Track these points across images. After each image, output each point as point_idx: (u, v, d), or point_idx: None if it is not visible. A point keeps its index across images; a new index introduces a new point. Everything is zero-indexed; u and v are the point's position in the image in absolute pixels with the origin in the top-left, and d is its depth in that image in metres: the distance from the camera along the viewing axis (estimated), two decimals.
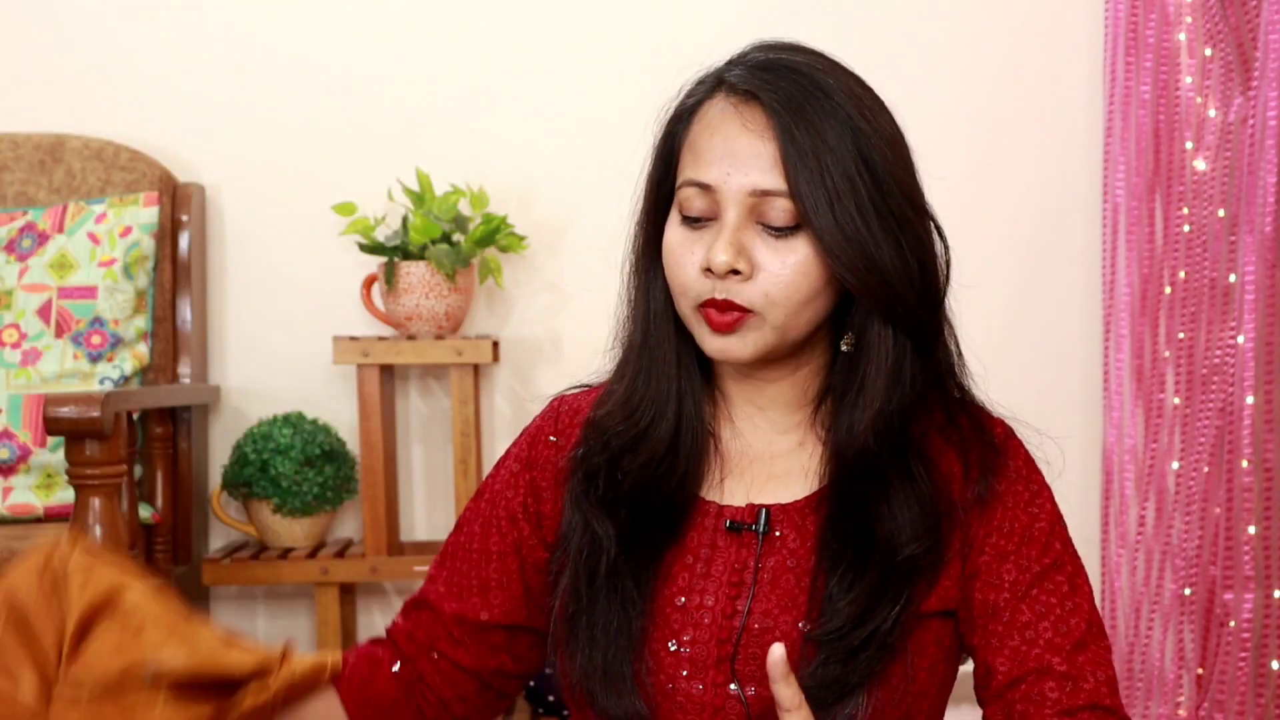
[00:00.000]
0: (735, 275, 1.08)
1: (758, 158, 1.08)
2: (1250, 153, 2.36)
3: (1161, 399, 2.51)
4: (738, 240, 1.08)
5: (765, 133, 1.08)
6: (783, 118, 1.08)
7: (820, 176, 1.07)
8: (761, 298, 1.08)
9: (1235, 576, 2.35)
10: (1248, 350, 2.34)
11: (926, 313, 1.12)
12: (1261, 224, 2.33)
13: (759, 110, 1.09)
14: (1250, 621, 2.33)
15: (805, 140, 1.07)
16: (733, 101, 1.11)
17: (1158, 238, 2.54)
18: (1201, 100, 2.50)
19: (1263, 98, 2.33)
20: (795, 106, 1.08)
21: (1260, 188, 2.33)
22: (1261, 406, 2.33)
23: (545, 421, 1.24)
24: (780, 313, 1.09)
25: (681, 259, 1.11)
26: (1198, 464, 2.45)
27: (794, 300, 1.09)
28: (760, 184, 1.08)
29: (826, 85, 1.11)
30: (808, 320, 1.11)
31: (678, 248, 1.12)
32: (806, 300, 1.10)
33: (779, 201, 1.08)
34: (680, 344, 1.16)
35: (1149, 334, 2.53)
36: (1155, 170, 2.53)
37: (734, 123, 1.10)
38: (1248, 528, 2.33)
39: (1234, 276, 2.40)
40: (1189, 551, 2.46)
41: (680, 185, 1.12)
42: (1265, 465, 2.33)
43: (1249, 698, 2.34)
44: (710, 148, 1.10)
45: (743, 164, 1.08)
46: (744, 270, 1.08)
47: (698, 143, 1.12)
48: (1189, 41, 2.51)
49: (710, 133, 1.11)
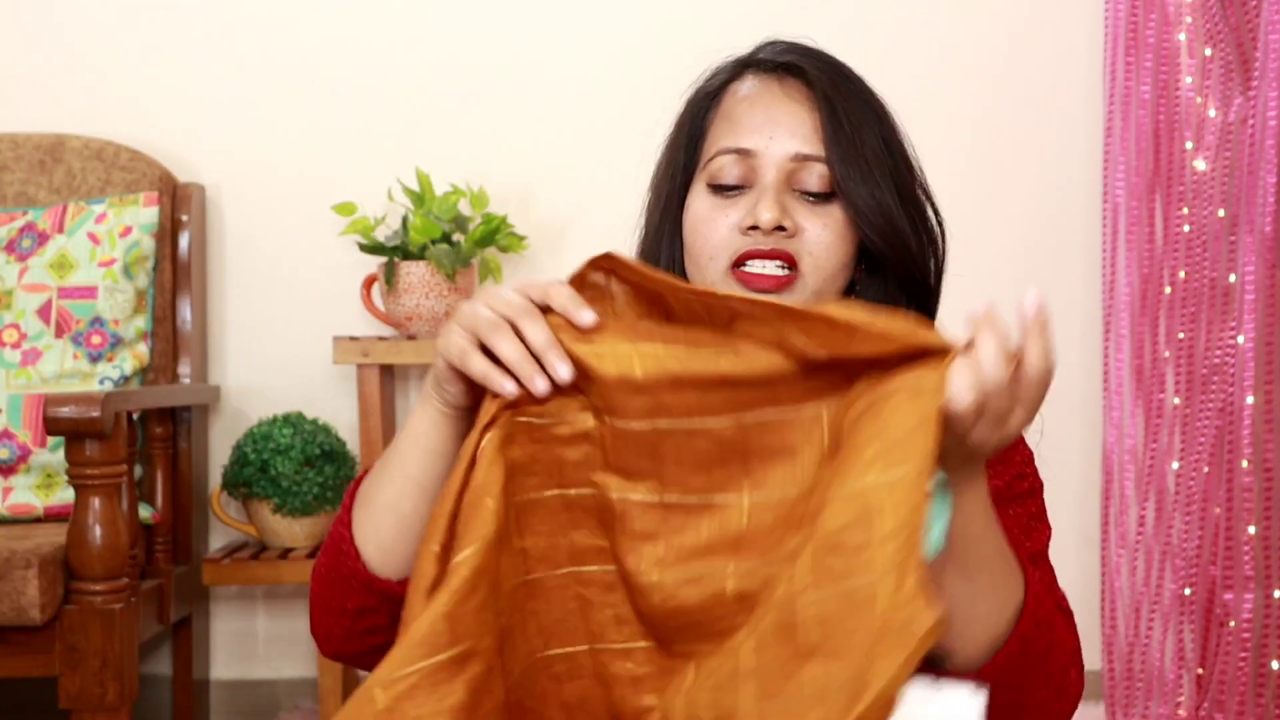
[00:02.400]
0: (780, 232, 1.11)
1: (800, 124, 1.13)
2: (1250, 153, 2.36)
3: (1161, 399, 2.51)
4: (782, 201, 1.11)
5: (807, 101, 1.14)
6: (824, 88, 1.13)
7: (856, 148, 1.11)
8: (807, 256, 1.11)
9: (1235, 576, 2.35)
10: (1248, 350, 2.34)
11: (936, 286, 1.18)
12: (1261, 224, 2.33)
13: (799, 81, 1.15)
14: (1250, 621, 2.33)
15: (843, 113, 1.13)
16: (771, 75, 1.16)
17: (1158, 238, 2.54)
18: (1201, 100, 2.50)
19: (1263, 98, 2.33)
20: (834, 81, 1.14)
21: (1260, 188, 2.33)
22: (1261, 406, 2.33)
23: None
24: (819, 277, 1.11)
25: (713, 221, 1.13)
26: (1198, 464, 2.45)
27: (832, 263, 1.12)
28: (802, 149, 1.12)
29: (852, 72, 1.18)
30: (835, 291, 1.14)
31: (708, 213, 1.14)
32: (840, 266, 1.13)
33: (817, 167, 1.12)
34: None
35: (1149, 334, 2.53)
36: (1155, 170, 2.53)
37: (775, 91, 1.15)
38: (1248, 528, 2.33)
39: (1234, 276, 2.40)
40: (1189, 551, 2.46)
41: (713, 155, 1.14)
42: (1265, 465, 2.33)
43: (1249, 698, 2.34)
44: (750, 115, 1.14)
45: (785, 129, 1.13)
46: (789, 227, 1.10)
47: (734, 113, 1.15)
48: (1189, 41, 2.51)
49: (749, 103, 1.15)
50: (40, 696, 2.42)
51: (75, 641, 1.93)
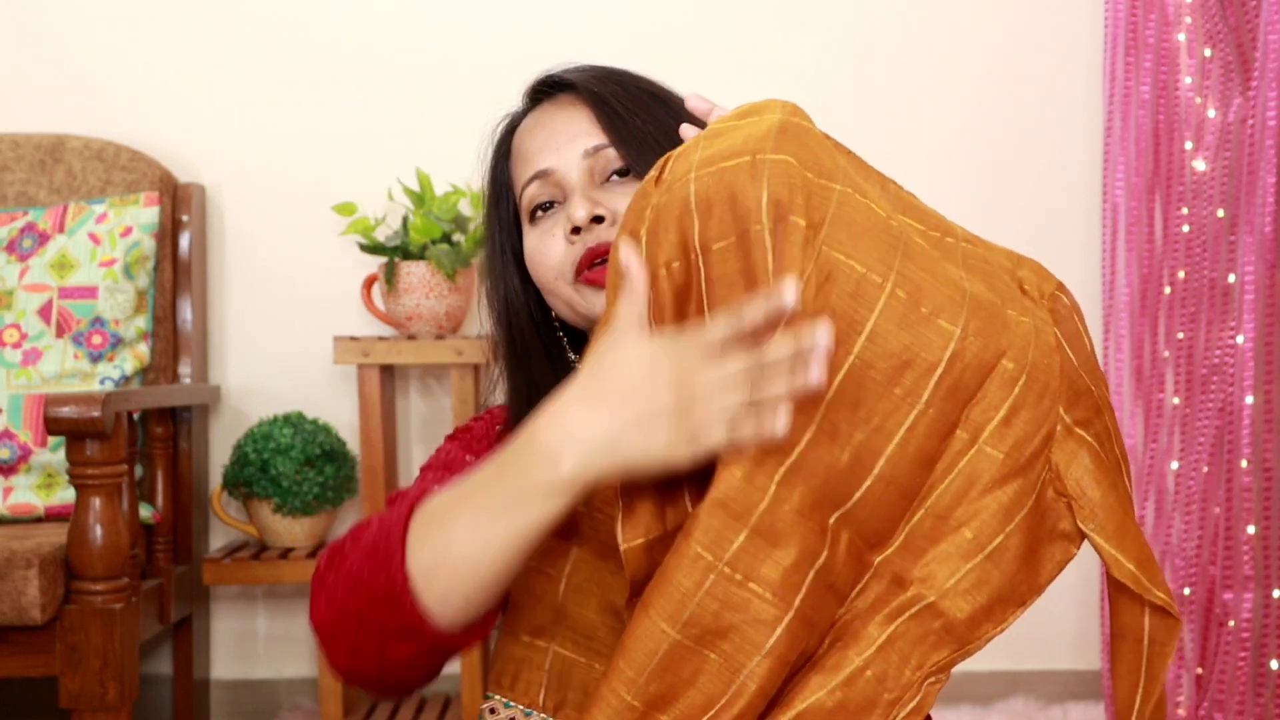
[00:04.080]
0: (599, 224, 1.13)
1: (579, 124, 1.18)
2: (1250, 153, 2.37)
3: (1161, 399, 2.51)
4: (590, 196, 1.15)
5: (576, 104, 1.19)
6: (590, 87, 1.18)
7: (637, 127, 1.16)
8: None
9: (1235, 576, 2.35)
10: (1247, 350, 2.34)
11: None
12: (1261, 224, 2.33)
13: (567, 93, 1.20)
14: (1250, 621, 2.34)
15: (614, 100, 1.17)
16: (543, 101, 1.23)
17: (1157, 238, 2.54)
18: (1201, 100, 2.50)
19: (1262, 98, 2.33)
20: (598, 79, 1.20)
21: (1260, 188, 2.33)
22: (1261, 406, 2.33)
23: (478, 423, 1.24)
24: None
25: (545, 247, 1.17)
26: (1197, 464, 2.45)
27: None
28: (587, 143, 1.16)
29: (620, 70, 1.23)
30: None
31: (538, 242, 1.17)
32: None
33: (610, 153, 1.16)
34: (554, 363, 1.20)
35: (1148, 334, 2.53)
36: (1155, 170, 2.53)
37: (548, 110, 1.21)
38: (1247, 527, 2.33)
39: (1233, 276, 2.40)
40: (1188, 551, 2.46)
41: (521, 191, 1.19)
42: (1265, 465, 2.33)
43: (1248, 697, 2.35)
44: (534, 140, 1.20)
45: (566, 135, 1.17)
46: (606, 215, 1.13)
47: (522, 148, 1.21)
48: (1189, 42, 2.51)
49: (530, 133, 1.21)
50: (40, 696, 2.43)
51: (76, 641, 1.93)
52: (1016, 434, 0.94)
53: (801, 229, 0.90)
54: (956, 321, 0.92)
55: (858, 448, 0.92)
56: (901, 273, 0.92)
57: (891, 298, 0.91)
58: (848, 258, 0.91)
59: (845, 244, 0.92)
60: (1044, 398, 0.95)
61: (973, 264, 0.99)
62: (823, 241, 0.91)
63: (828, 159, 0.95)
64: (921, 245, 0.95)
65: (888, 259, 0.92)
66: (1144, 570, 0.97)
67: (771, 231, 0.90)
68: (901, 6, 2.73)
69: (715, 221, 0.92)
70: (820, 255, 0.91)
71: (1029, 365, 0.94)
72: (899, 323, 0.91)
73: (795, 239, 0.90)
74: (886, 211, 0.95)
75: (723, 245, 0.92)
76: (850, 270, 0.91)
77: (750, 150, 0.92)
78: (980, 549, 0.93)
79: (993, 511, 0.94)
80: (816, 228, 0.91)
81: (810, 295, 0.90)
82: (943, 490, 0.94)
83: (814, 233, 0.91)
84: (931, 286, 0.93)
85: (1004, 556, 0.94)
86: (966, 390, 0.93)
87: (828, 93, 2.65)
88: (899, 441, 0.92)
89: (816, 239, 0.91)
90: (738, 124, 0.97)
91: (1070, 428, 0.97)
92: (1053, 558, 0.97)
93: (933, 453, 0.93)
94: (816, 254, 0.91)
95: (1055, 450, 0.96)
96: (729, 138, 0.95)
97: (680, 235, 0.93)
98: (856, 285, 0.91)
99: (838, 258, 0.91)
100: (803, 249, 0.90)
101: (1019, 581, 0.95)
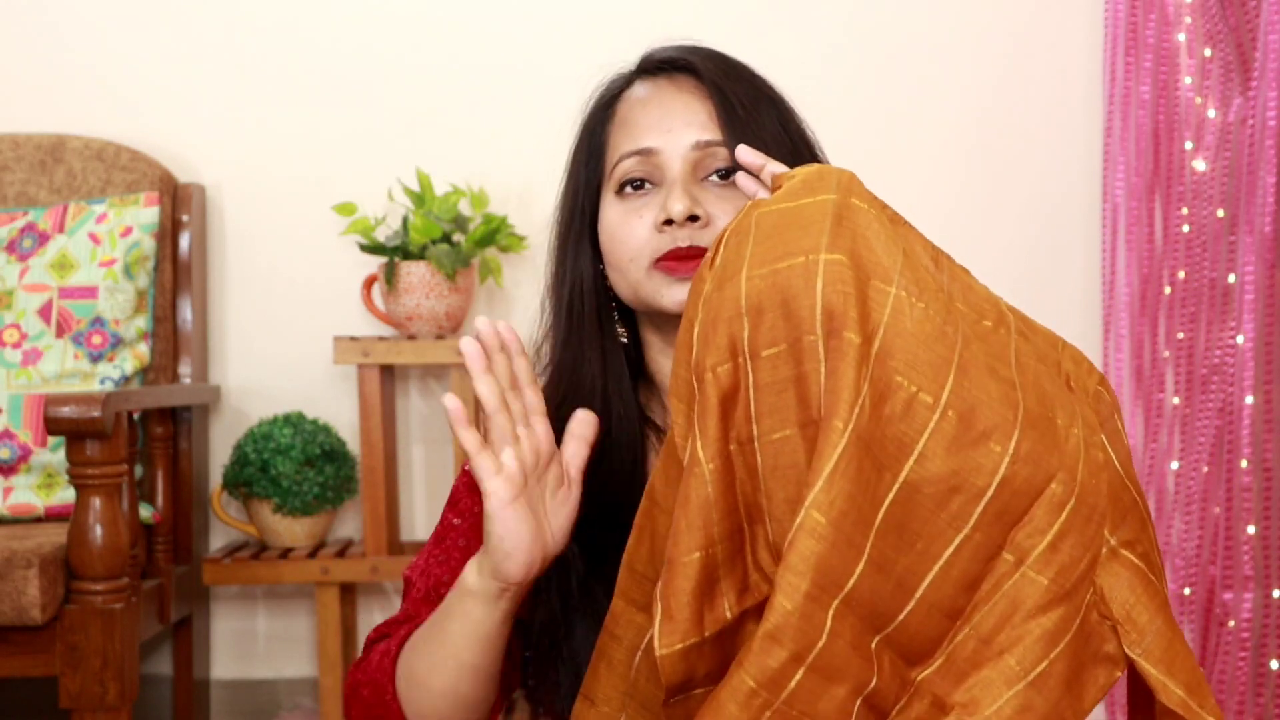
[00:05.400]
0: (693, 223, 1.12)
1: (696, 114, 1.15)
2: (1250, 153, 2.37)
3: (1161, 399, 2.51)
4: (691, 192, 1.12)
5: (698, 92, 1.16)
6: (715, 77, 1.16)
7: (753, 129, 1.13)
8: None
9: (1234, 576, 2.35)
10: (1247, 350, 2.34)
11: None
12: (1261, 224, 2.33)
13: (689, 76, 1.17)
14: (1249, 621, 2.34)
15: (734, 98, 1.15)
16: (660, 76, 1.19)
17: (1157, 238, 2.54)
18: (1201, 100, 2.50)
19: (1262, 98, 2.33)
20: (723, 70, 1.17)
21: (1260, 188, 2.33)
22: (1261, 406, 2.33)
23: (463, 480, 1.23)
24: None
25: (630, 225, 1.14)
26: (1197, 464, 2.45)
27: None
28: (701, 137, 1.14)
29: (739, 62, 1.20)
30: None
31: (623, 218, 1.15)
32: None
33: (719, 151, 1.14)
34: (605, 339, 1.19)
35: (1149, 334, 2.53)
36: (1155, 170, 2.53)
37: (666, 90, 1.18)
38: (1247, 527, 2.33)
39: (1233, 276, 2.40)
40: (1188, 551, 2.46)
41: (617, 162, 1.16)
42: (1264, 465, 2.33)
43: (1249, 697, 2.35)
44: (646, 115, 1.17)
45: (682, 121, 1.15)
46: (702, 216, 1.12)
47: (630, 118, 1.18)
48: (1189, 42, 2.51)
49: (643, 105, 1.18)
50: (40, 696, 2.42)
51: (76, 641, 1.93)
52: (1062, 560, 0.93)
53: (856, 346, 0.89)
54: (1007, 444, 0.91)
55: (902, 571, 0.91)
56: (955, 391, 0.91)
57: (943, 419, 0.90)
58: (900, 375, 0.90)
59: (898, 357, 0.90)
60: (1090, 521, 0.94)
61: (1025, 361, 0.97)
62: (875, 356, 0.90)
63: (883, 250, 0.93)
64: (976, 354, 0.93)
65: (940, 374, 0.91)
66: (1194, 696, 0.95)
67: (825, 344, 0.89)
68: (901, 6, 2.73)
69: (766, 328, 0.91)
70: (873, 374, 0.90)
71: (1077, 488, 0.93)
72: (949, 445, 0.90)
73: (850, 357, 0.89)
74: (942, 313, 0.93)
75: (773, 352, 0.91)
76: (901, 389, 0.90)
77: (804, 250, 0.91)
78: (1024, 675, 0.92)
79: (1036, 637, 0.92)
80: (870, 339, 0.90)
81: (865, 419, 0.89)
82: (986, 612, 0.93)
83: (867, 347, 0.90)
84: (984, 405, 0.91)
85: (1047, 683, 0.92)
86: (1014, 515, 0.92)
87: (827, 93, 2.65)
88: (942, 565, 0.91)
89: (869, 354, 0.90)
90: (793, 206, 0.95)
91: (1115, 550, 0.95)
92: (1097, 681, 0.95)
93: (976, 575, 0.92)
94: (869, 373, 0.90)
95: (1101, 573, 0.94)
96: (784, 232, 0.93)
97: (729, 339, 0.93)
98: (907, 406, 0.90)
99: (891, 375, 0.90)
100: (857, 368, 0.89)
101: (1063, 707, 0.93)
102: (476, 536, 1.17)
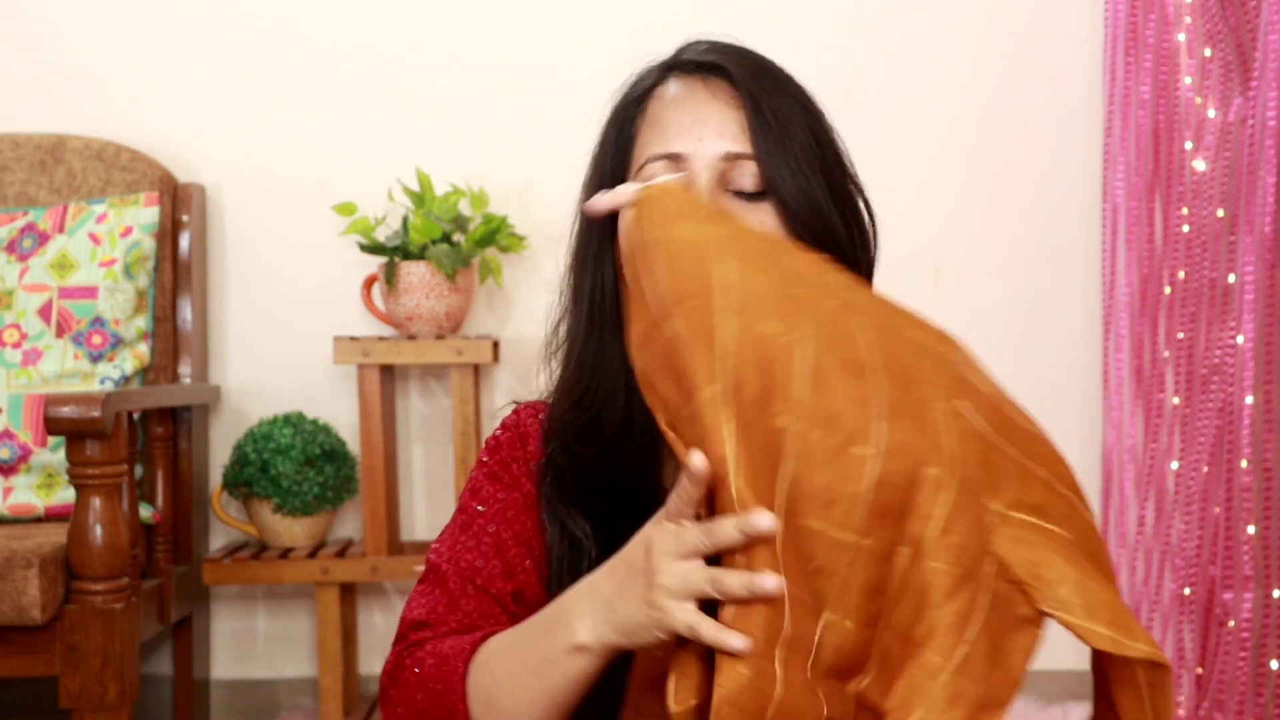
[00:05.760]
0: None
1: (728, 123, 1.12)
2: (1250, 153, 2.37)
3: (1161, 399, 2.51)
4: (716, 202, 1.11)
5: (732, 100, 1.13)
6: (749, 86, 1.13)
7: (784, 143, 1.12)
8: None
9: (1234, 576, 2.35)
10: (1247, 350, 2.34)
11: (868, 279, 1.17)
12: (1261, 224, 2.33)
13: (724, 81, 1.14)
14: (1250, 621, 2.34)
15: (769, 110, 1.12)
16: (695, 77, 1.16)
17: (1157, 238, 2.54)
18: (1201, 100, 2.50)
19: (1262, 98, 2.33)
20: (758, 78, 1.14)
21: (1260, 188, 2.33)
22: (1261, 406, 2.33)
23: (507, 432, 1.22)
24: None
25: None
26: (1197, 464, 2.45)
27: None
28: (731, 148, 1.11)
29: (776, 67, 1.18)
30: None
31: None
32: None
33: (748, 165, 1.11)
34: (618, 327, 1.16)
35: (1149, 334, 2.53)
36: (1155, 170, 2.53)
37: (700, 93, 1.15)
38: (1247, 528, 2.33)
39: (1233, 276, 2.40)
40: (1188, 551, 2.46)
41: (645, 162, 1.14)
42: (1265, 465, 2.33)
43: (1248, 697, 2.35)
44: (678, 118, 1.14)
45: (713, 129, 1.12)
46: None
47: (661, 118, 1.15)
48: (1189, 42, 2.51)
49: (675, 106, 1.15)
50: (40, 696, 2.42)
51: (76, 641, 1.93)
52: (956, 541, 0.92)
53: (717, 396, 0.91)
54: (873, 442, 0.91)
55: (810, 598, 0.91)
56: (814, 407, 0.91)
57: (804, 440, 0.90)
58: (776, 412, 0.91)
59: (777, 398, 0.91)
60: (970, 494, 0.93)
61: (872, 338, 0.95)
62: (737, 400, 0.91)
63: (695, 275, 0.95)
64: (826, 354, 0.93)
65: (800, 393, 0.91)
66: (1120, 630, 0.93)
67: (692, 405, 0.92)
68: (901, 6, 2.73)
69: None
70: (741, 417, 0.91)
71: (953, 466, 0.92)
72: (818, 463, 0.90)
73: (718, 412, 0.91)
74: (778, 324, 0.93)
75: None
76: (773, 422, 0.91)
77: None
78: (945, 666, 0.91)
79: (949, 624, 0.91)
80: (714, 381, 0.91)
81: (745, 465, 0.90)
82: (900, 610, 0.92)
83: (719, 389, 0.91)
84: (843, 410, 0.91)
85: (973, 666, 0.91)
86: (898, 509, 0.91)
87: (827, 93, 2.64)
88: (843, 579, 0.91)
89: (730, 400, 0.91)
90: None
91: (1003, 514, 0.94)
92: (1020, 646, 0.94)
93: (880, 578, 0.92)
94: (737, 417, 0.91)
95: (996, 543, 0.93)
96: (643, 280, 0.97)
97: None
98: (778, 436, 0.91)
99: (770, 420, 0.91)
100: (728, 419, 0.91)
101: (994, 683, 0.92)
102: (504, 523, 1.16)
